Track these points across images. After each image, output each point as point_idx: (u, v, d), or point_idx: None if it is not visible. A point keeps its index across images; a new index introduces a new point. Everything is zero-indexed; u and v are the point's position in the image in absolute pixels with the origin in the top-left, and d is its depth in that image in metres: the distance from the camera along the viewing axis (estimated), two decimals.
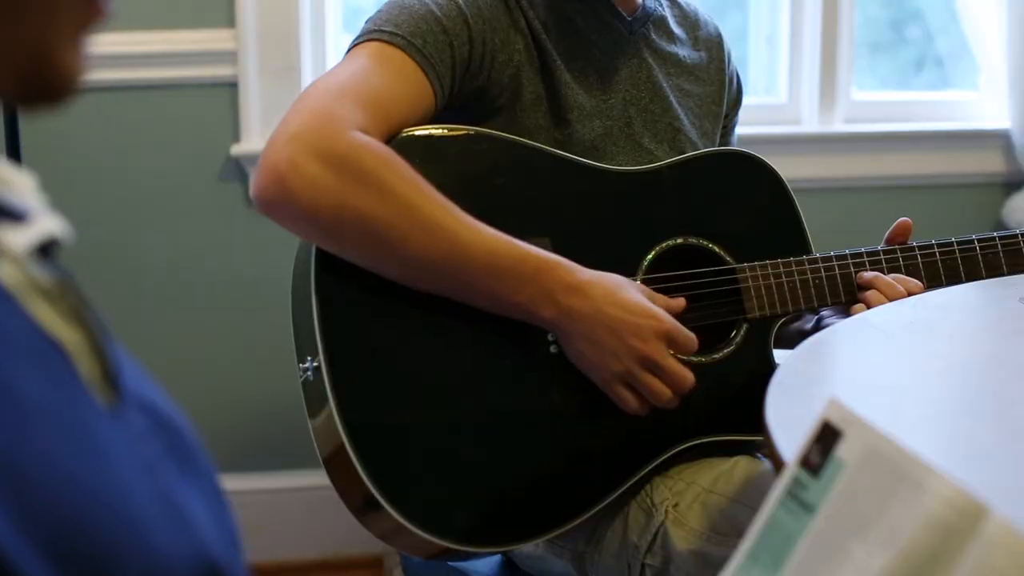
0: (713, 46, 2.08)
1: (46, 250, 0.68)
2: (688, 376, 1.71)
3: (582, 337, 1.67)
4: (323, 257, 1.65)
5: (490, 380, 1.70)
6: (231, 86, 3.12)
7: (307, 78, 3.16)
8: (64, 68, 0.68)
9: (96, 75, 0.70)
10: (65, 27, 0.67)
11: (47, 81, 0.67)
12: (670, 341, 1.69)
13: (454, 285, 1.65)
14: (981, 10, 3.41)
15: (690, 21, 2.08)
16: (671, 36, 2.02)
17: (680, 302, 1.75)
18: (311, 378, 1.65)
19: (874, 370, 1.56)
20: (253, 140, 3.10)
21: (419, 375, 1.67)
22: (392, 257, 1.63)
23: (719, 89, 2.06)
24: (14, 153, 2.58)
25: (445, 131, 1.75)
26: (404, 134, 1.71)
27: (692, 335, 1.71)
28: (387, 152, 1.63)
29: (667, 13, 2.03)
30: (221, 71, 3.11)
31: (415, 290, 1.66)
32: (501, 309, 1.67)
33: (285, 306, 1.74)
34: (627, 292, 1.69)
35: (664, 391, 1.70)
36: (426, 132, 1.74)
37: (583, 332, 1.66)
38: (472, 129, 1.77)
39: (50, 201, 0.71)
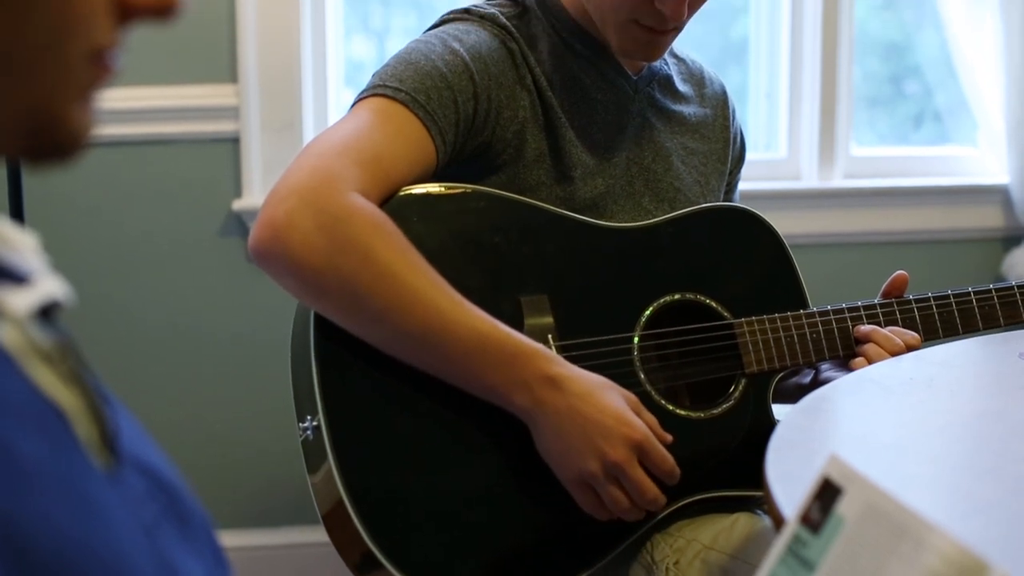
0: (718, 103, 2.09)
1: (47, 311, 0.69)
2: (654, 494, 1.65)
3: (550, 431, 1.62)
4: (322, 317, 1.65)
5: (488, 442, 1.69)
6: (233, 141, 3.14)
7: (309, 134, 3.18)
8: (73, 126, 0.68)
9: (98, 130, 0.71)
10: (74, 85, 0.68)
11: (56, 139, 0.68)
12: (641, 453, 1.63)
13: (430, 359, 1.63)
14: (979, 66, 3.42)
15: (696, 78, 2.09)
16: (676, 95, 2.03)
17: (666, 437, 1.68)
18: (311, 437, 1.65)
19: (874, 426, 1.56)
20: (255, 195, 3.12)
21: (418, 434, 1.67)
22: (371, 324, 1.62)
23: (724, 146, 2.06)
24: (17, 206, 2.58)
25: (443, 189, 1.75)
26: (403, 192, 1.71)
27: (668, 456, 1.65)
28: (379, 218, 1.62)
29: (672, 71, 2.04)
30: (223, 126, 3.13)
31: None
32: (475, 390, 1.64)
33: (285, 363, 1.74)
34: (606, 394, 1.64)
35: (623, 501, 1.64)
36: (424, 190, 1.74)
37: (552, 426, 1.62)
38: (470, 187, 1.77)
39: (52, 257, 0.71)
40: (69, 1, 0.65)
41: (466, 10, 1.90)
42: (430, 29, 1.89)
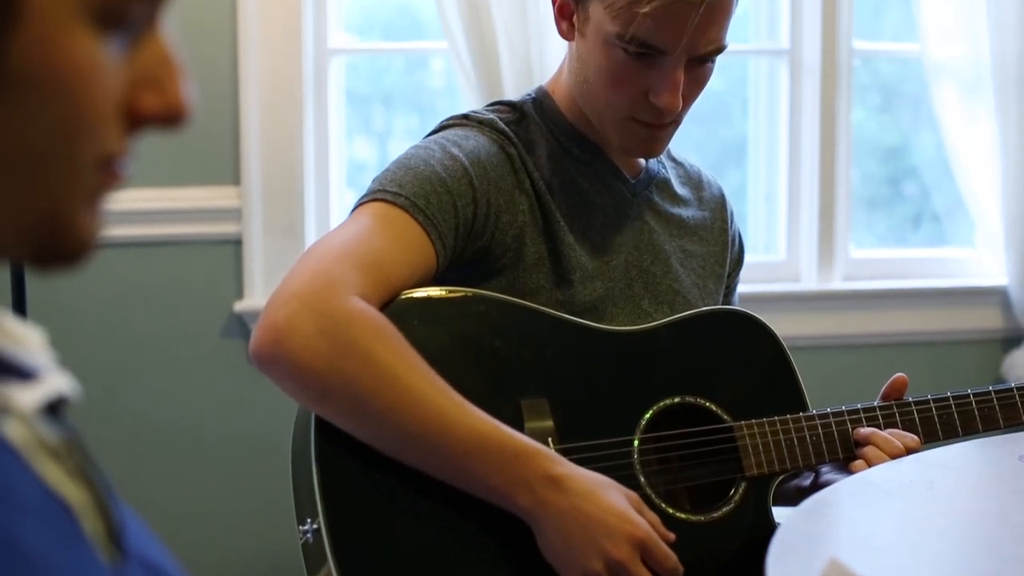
0: (717, 206, 2.10)
1: (54, 407, 0.69)
2: None
3: (553, 530, 1.62)
4: (323, 421, 1.66)
5: (491, 543, 1.68)
6: (235, 243, 3.16)
7: (311, 235, 3.20)
8: (80, 232, 0.69)
9: (104, 233, 0.72)
10: (82, 191, 0.69)
11: (63, 244, 0.69)
12: (644, 551, 1.63)
13: (432, 461, 1.63)
14: (975, 168, 3.45)
15: (694, 181, 2.10)
16: (675, 197, 2.04)
17: (668, 536, 1.67)
18: (311, 540, 1.64)
19: (875, 529, 1.56)
20: (256, 297, 3.13)
21: (419, 538, 1.66)
22: (372, 427, 1.62)
23: (722, 249, 2.07)
24: (20, 307, 2.60)
25: (444, 293, 1.76)
26: (403, 296, 1.72)
27: (671, 554, 1.65)
28: (380, 321, 1.63)
29: (671, 174, 2.06)
30: (226, 228, 3.15)
31: None
32: (477, 491, 1.64)
33: (285, 464, 1.74)
34: (608, 493, 1.64)
35: None
36: (425, 294, 1.75)
37: (555, 525, 1.62)
38: (470, 291, 1.78)
39: (57, 356, 0.72)
40: (79, 108, 0.66)
41: (465, 116, 1.92)
42: (430, 135, 1.91)
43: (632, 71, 1.78)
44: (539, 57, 3.11)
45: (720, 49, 1.79)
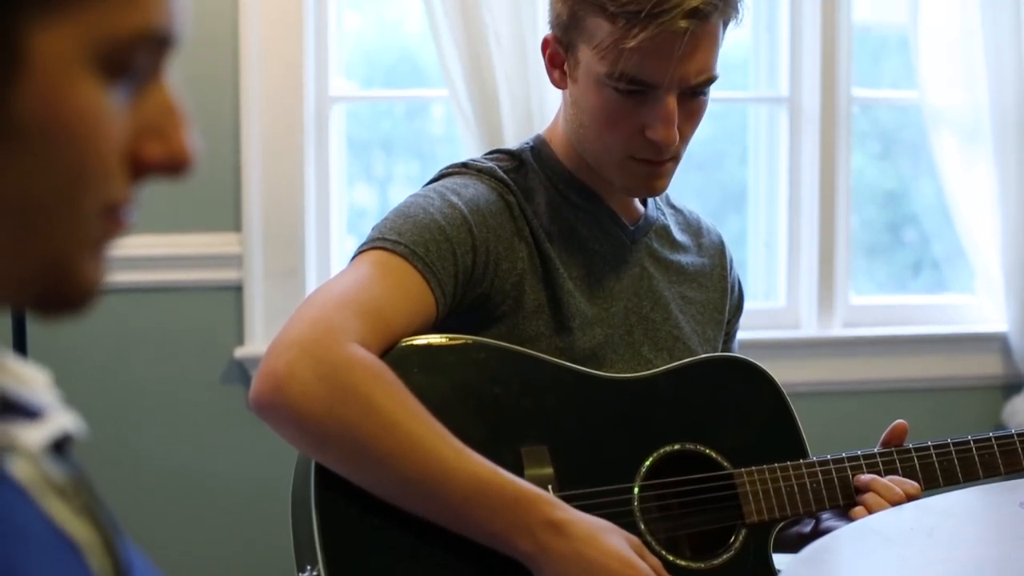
0: (716, 252, 2.10)
1: (60, 445, 0.70)
2: None
3: (555, 575, 1.62)
4: (323, 468, 1.66)
5: None
6: (236, 289, 3.16)
7: (311, 281, 3.21)
8: (84, 279, 0.70)
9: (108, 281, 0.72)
10: (86, 239, 0.69)
11: (67, 292, 0.69)
12: None
13: (432, 507, 1.63)
14: (975, 214, 3.46)
15: (693, 228, 2.10)
16: (674, 244, 2.04)
17: None
18: None
19: None
20: (257, 343, 3.13)
21: None
22: (373, 473, 1.62)
23: (721, 296, 2.07)
24: (21, 351, 2.60)
25: (444, 340, 1.77)
26: (403, 343, 1.72)
27: None
28: (379, 368, 1.64)
29: (670, 221, 2.06)
30: (226, 274, 3.16)
31: None
32: (478, 536, 1.63)
33: (285, 511, 1.74)
34: (609, 537, 1.64)
35: None
36: (425, 341, 1.75)
37: (557, 570, 1.61)
38: (470, 338, 1.78)
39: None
40: (83, 157, 0.67)
41: (464, 164, 1.92)
42: (429, 183, 1.91)
43: (626, 109, 1.79)
44: (539, 104, 3.12)
45: (711, 79, 1.80)
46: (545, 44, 1.89)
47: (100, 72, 0.66)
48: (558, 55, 1.86)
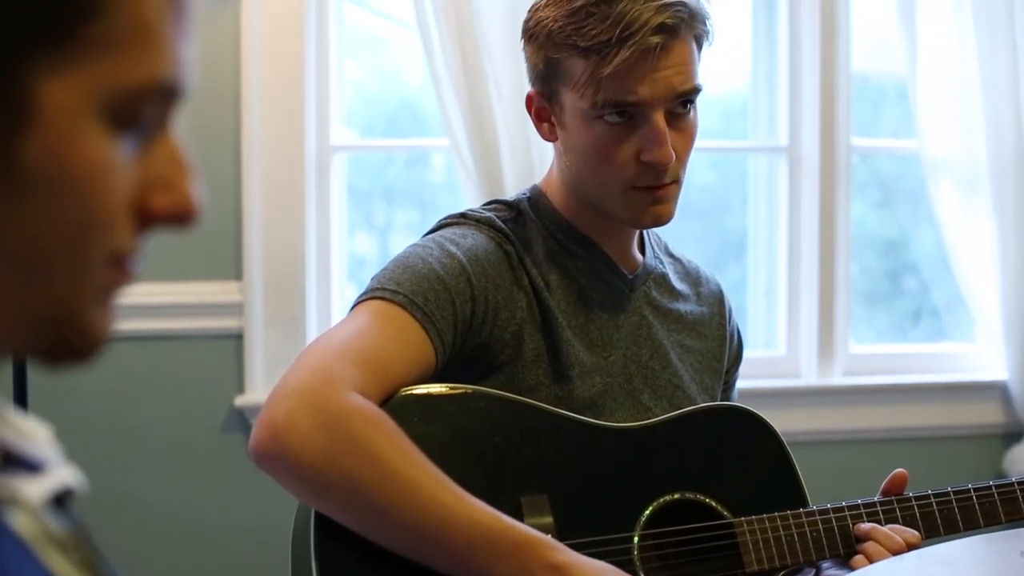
0: (715, 301, 2.10)
1: (61, 499, 0.70)
2: None
3: None
4: (322, 516, 1.65)
5: None
6: (236, 337, 3.16)
7: (312, 329, 3.21)
8: (90, 328, 0.70)
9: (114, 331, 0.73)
10: (93, 289, 0.69)
11: (73, 341, 0.70)
12: None
13: (434, 554, 1.63)
14: (974, 262, 3.47)
15: (692, 277, 2.11)
16: (673, 292, 2.04)
17: None
18: None
19: None
20: (257, 391, 3.13)
21: None
22: (375, 522, 1.62)
23: (720, 345, 2.08)
24: (21, 398, 2.60)
25: (444, 389, 1.77)
26: (403, 393, 1.73)
27: None
28: (379, 416, 1.64)
29: (668, 270, 2.06)
30: (227, 323, 3.16)
31: None
32: None
33: (285, 559, 1.73)
34: None
35: None
36: (425, 391, 1.75)
37: None
38: (470, 388, 1.79)
39: (60, 448, 0.72)
40: (91, 208, 0.67)
41: (462, 214, 1.93)
42: (427, 234, 1.92)
43: (617, 139, 1.80)
44: (540, 154, 3.13)
45: (695, 89, 1.80)
46: (529, 101, 1.90)
47: (108, 123, 0.67)
48: (544, 108, 1.87)
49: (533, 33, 1.84)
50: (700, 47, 1.82)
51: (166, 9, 0.69)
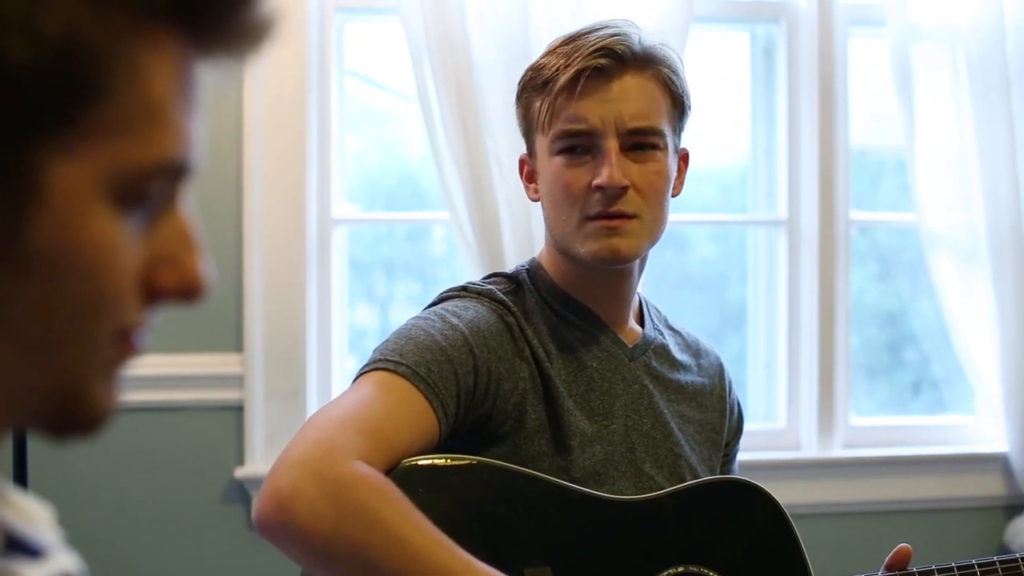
0: (715, 374, 2.11)
1: None
2: None
3: None
4: None
5: None
6: (237, 409, 3.16)
7: (313, 401, 3.21)
8: (97, 402, 0.70)
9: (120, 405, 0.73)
10: (99, 363, 0.70)
11: (80, 415, 0.70)
12: None
13: None
14: (973, 334, 3.48)
15: (692, 349, 2.11)
16: (673, 363, 2.05)
17: None
18: None
19: None
20: (257, 463, 3.13)
21: None
22: None
23: (720, 417, 2.08)
24: (21, 470, 2.59)
25: (447, 460, 1.77)
26: (407, 463, 1.73)
27: None
28: (384, 484, 1.64)
29: (668, 341, 2.07)
30: (227, 395, 3.16)
31: None
32: None
33: None
34: None
35: None
36: (429, 461, 1.75)
37: None
38: (474, 459, 1.78)
39: (57, 517, 0.72)
40: (98, 285, 0.67)
41: (463, 287, 1.94)
42: (429, 307, 1.93)
43: (575, 168, 1.84)
44: (539, 227, 3.11)
45: (652, 129, 1.83)
46: (521, 165, 1.97)
47: (116, 202, 0.67)
48: (531, 169, 1.92)
49: (517, 95, 1.93)
50: (673, 99, 1.86)
51: (173, 88, 0.69)
